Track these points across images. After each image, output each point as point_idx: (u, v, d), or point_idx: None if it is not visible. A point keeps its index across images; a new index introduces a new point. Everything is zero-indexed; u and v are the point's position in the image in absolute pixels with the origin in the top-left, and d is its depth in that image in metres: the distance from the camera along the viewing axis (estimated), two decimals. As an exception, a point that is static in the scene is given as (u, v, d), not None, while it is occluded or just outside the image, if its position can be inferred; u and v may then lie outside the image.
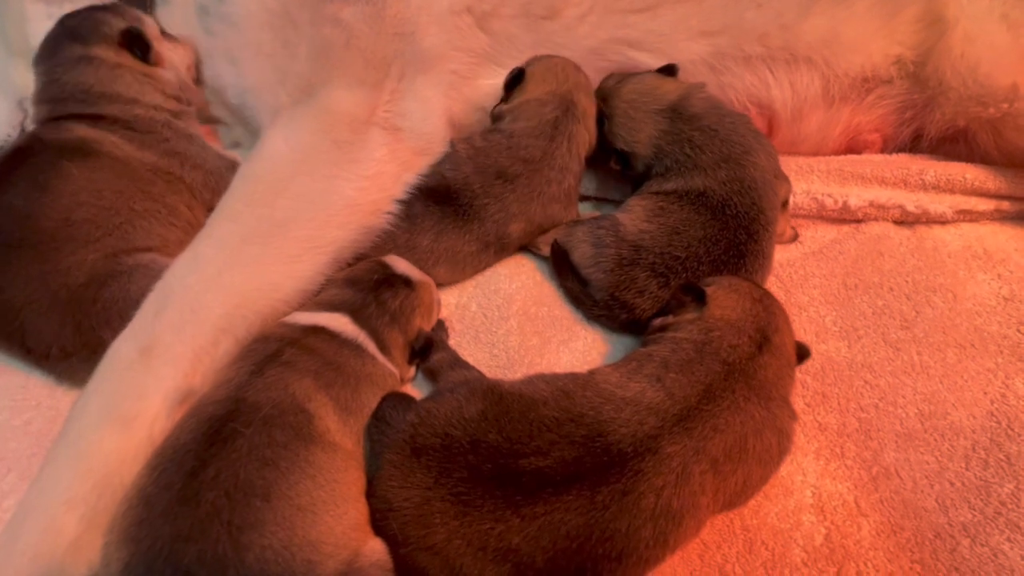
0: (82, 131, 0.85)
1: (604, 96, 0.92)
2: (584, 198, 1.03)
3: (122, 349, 0.68)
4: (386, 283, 0.75)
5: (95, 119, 0.87)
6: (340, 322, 0.71)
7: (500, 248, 0.90)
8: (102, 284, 0.76)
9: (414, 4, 0.90)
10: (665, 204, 0.84)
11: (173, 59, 0.96)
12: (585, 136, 0.92)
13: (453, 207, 0.85)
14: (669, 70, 0.94)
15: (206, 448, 0.56)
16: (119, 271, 0.77)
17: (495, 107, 0.95)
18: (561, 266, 0.88)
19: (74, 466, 0.61)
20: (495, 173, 0.87)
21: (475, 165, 0.88)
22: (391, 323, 0.73)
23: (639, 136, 0.88)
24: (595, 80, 0.99)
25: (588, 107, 0.93)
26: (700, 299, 0.70)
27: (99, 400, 0.65)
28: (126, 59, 0.92)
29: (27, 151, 0.82)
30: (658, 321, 0.75)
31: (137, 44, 0.92)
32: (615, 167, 0.92)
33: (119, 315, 0.72)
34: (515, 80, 0.93)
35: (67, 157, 0.80)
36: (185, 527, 0.52)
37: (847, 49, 0.95)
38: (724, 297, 0.70)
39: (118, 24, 0.92)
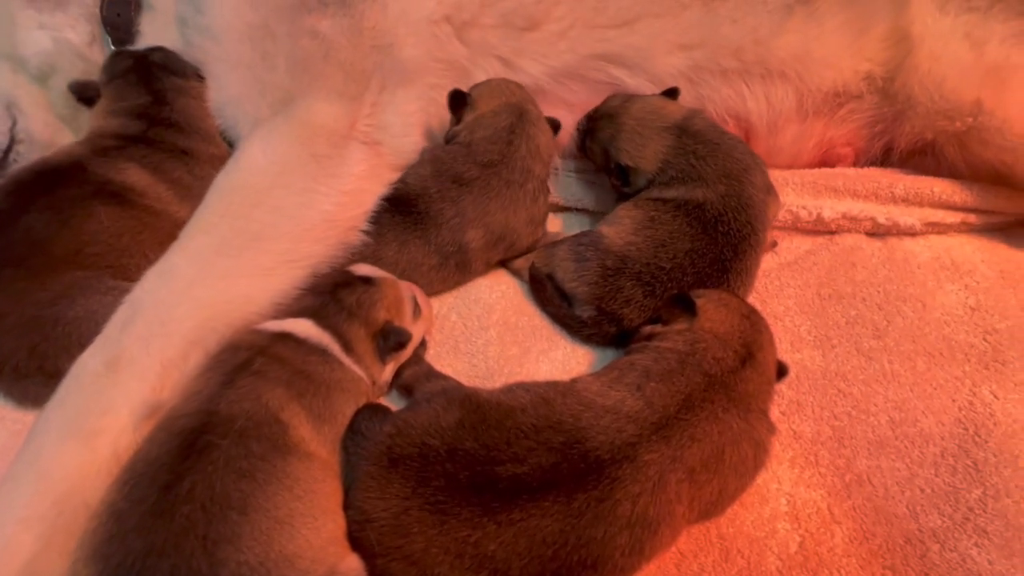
0: (135, 177, 0.85)
1: (611, 114, 0.93)
2: (576, 210, 1.03)
3: (89, 363, 0.67)
4: (343, 284, 0.75)
5: (165, 155, 0.87)
6: (304, 326, 0.70)
7: (461, 263, 0.88)
8: (73, 300, 0.74)
9: (392, 15, 0.90)
10: (657, 215, 0.85)
11: None
12: (543, 139, 0.92)
13: (413, 215, 0.86)
14: (671, 93, 0.96)
15: (180, 461, 0.55)
16: (97, 288, 0.76)
17: (448, 132, 0.95)
18: (541, 291, 0.88)
19: (33, 483, 0.59)
20: (451, 178, 0.87)
21: (433, 169, 0.88)
22: (350, 318, 0.72)
23: (645, 152, 0.90)
24: (585, 97, 0.99)
25: (540, 115, 0.93)
26: (691, 311, 0.71)
27: (62, 414, 0.64)
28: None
29: (65, 177, 0.82)
30: (647, 329, 0.76)
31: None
32: (615, 182, 0.93)
33: (79, 342, 0.70)
34: (459, 101, 0.92)
35: (101, 200, 0.81)
36: (158, 541, 0.51)
37: (819, 65, 0.98)
38: (714, 311, 0.71)
39: (190, 62, 0.96)
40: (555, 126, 0.97)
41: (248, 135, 0.85)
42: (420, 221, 0.85)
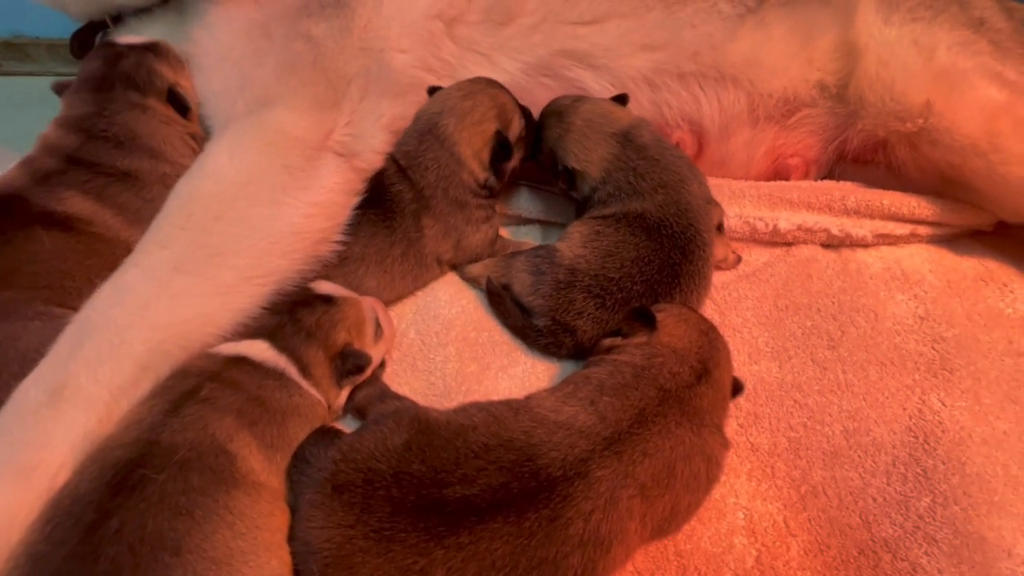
0: (79, 206, 0.80)
1: (559, 111, 0.93)
2: (530, 221, 1.04)
3: (31, 391, 0.63)
4: (302, 303, 0.72)
5: (107, 179, 0.83)
6: (259, 349, 0.67)
7: (419, 254, 0.88)
8: None
9: (386, 12, 0.90)
10: (601, 228, 0.85)
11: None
12: (448, 162, 0.89)
13: (383, 203, 0.86)
14: (621, 99, 0.97)
15: (110, 498, 0.52)
16: (23, 312, 0.71)
17: None
18: (499, 303, 0.88)
19: None
20: (403, 153, 0.90)
21: (394, 151, 0.91)
22: (308, 339, 0.69)
23: (592, 156, 0.90)
24: (541, 97, 0.99)
25: (458, 134, 0.89)
26: (651, 324, 0.71)
27: None
28: (173, 115, 0.92)
29: (3, 210, 0.77)
30: (607, 341, 0.75)
31: (178, 104, 0.92)
32: (562, 186, 0.94)
33: None
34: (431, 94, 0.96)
35: (44, 225, 0.77)
36: (79, 588, 0.48)
37: (768, 72, 1.01)
38: (673, 325, 0.71)
39: (167, 77, 0.92)
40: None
41: (217, 136, 0.82)
42: (388, 208, 0.86)
